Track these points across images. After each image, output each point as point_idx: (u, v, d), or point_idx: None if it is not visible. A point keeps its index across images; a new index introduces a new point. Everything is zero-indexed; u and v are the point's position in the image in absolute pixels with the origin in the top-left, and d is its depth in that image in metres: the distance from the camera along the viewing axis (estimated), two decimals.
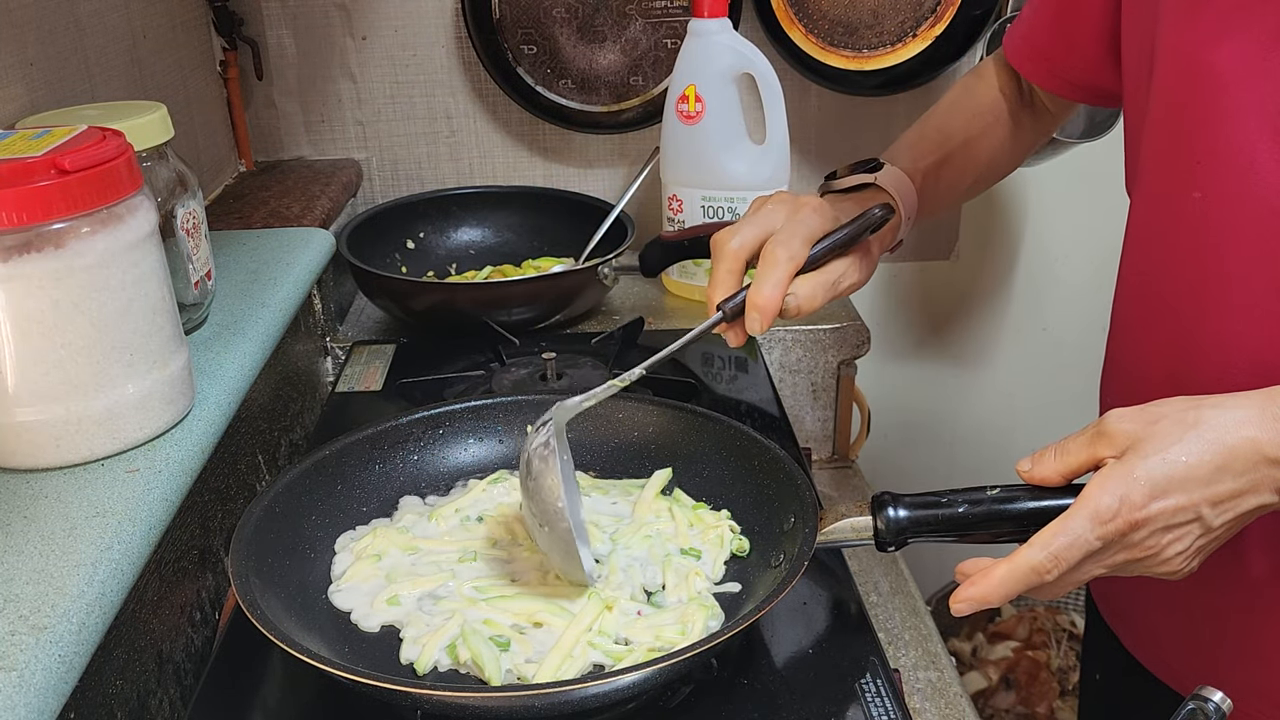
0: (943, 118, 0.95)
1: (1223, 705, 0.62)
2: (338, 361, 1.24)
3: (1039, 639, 1.72)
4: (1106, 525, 0.61)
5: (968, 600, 0.63)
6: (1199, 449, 0.61)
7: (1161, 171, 0.76)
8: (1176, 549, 0.62)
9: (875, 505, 0.69)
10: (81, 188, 0.67)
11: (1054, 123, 0.98)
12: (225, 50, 1.36)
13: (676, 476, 0.84)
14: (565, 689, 0.62)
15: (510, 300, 1.17)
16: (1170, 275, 0.76)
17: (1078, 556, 0.61)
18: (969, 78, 0.99)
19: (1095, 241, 1.65)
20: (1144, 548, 0.62)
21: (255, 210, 1.25)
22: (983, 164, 0.94)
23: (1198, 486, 0.61)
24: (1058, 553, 0.61)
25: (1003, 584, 0.62)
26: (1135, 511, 0.61)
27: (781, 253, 0.75)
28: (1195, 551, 0.63)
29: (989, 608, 0.64)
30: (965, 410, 1.74)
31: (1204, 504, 0.61)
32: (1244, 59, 0.67)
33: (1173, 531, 0.62)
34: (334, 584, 0.75)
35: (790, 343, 1.24)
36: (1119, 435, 0.63)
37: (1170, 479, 0.61)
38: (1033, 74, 0.93)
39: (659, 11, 1.35)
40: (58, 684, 0.56)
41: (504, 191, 1.41)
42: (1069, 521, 0.61)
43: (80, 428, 0.71)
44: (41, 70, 0.92)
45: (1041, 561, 0.62)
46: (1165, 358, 0.78)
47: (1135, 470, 0.61)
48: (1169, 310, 0.77)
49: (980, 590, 0.63)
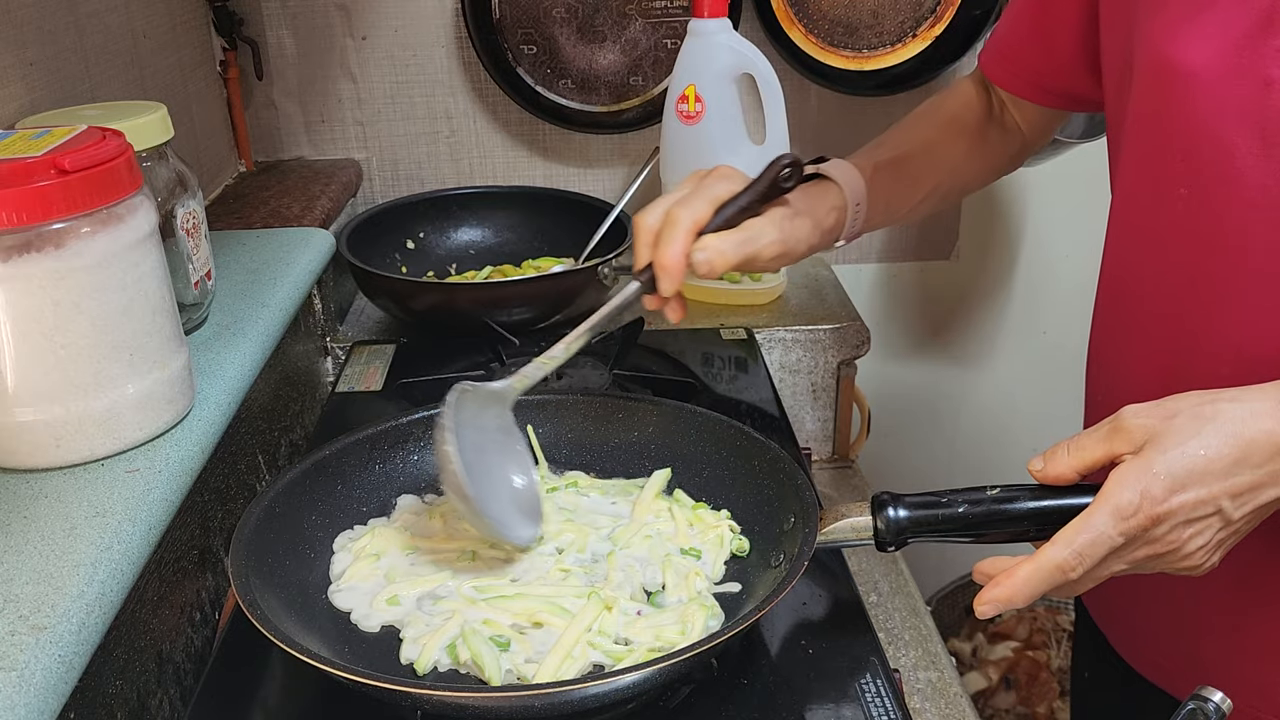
0: (905, 124, 0.96)
1: (1223, 705, 0.62)
2: (338, 361, 1.24)
3: (1039, 639, 1.72)
4: (1128, 520, 0.61)
5: (992, 602, 0.63)
6: (1217, 442, 0.61)
7: (1145, 170, 0.76)
8: (1198, 543, 0.62)
9: (875, 505, 0.69)
10: (81, 188, 0.67)
11: (1023, 144, 0.98)
12: (225, 50, 1.36)
13: (676, 476, 0.84)
14: (565, 689, 0.62)
15: (510, 300, 1.17)
16: (1157, 272, 0.76)
17: (1101, 553, 0.61)
18: (939, 94, 0.99)
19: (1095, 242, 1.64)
20: (1166, 542, 0.62)
21: (255, 210, 1.25)
22: (943, 171, 0.94)
23: (1217, 479, 0.61)
24: (1081, 550, 0.61)
25: (1028, 583, 0.62)
26: (1156, 506, 0.60)
27: (681, 213, 0.76)
28: (1216, 545, 0.63)
29: (1016, 608, 0.63)
30: (965, 410, 1.74)
31: (1224, 496, 0.61)
32: (1216, 56, 0.68)
33: (1194, 525, 0.62)
34: (333, 584, 0.75)
35: (790, 343, 1.24)
36: (1135, 431, 0.63)
37: (1190, 472, 0.61)
38: (1009, 83, 0.93)
39: (659, 11, 1.35)
40: (58, 684, 0.56)
41: (504, 191, 1.41)
42: (1091, 518, 0.61)
43: (80, 428, 0.71)
44: (41, 70, 0.92)
45: (1066, 559, 0.61)
46: (1152, 355, 0.78)
47: (1154, 465, 0.61)
48: (1156, 308, 0.77)
49: (1005, 591, 0.63)
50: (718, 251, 0.76)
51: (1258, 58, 0.66)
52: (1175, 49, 0.70)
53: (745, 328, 1.22)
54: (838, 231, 0.86)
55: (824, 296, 1.32)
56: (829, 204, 0.84)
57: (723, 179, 0.79)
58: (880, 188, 0.88)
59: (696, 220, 0.76)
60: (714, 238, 0.76)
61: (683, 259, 0.75)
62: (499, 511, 0.75)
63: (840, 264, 1.56)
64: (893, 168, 0.90)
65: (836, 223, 0.85)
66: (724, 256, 0.76)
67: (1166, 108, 0.72)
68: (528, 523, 0.78)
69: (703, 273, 0.76)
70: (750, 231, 0.77)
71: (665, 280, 0.76)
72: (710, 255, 0.76)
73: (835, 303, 1.30)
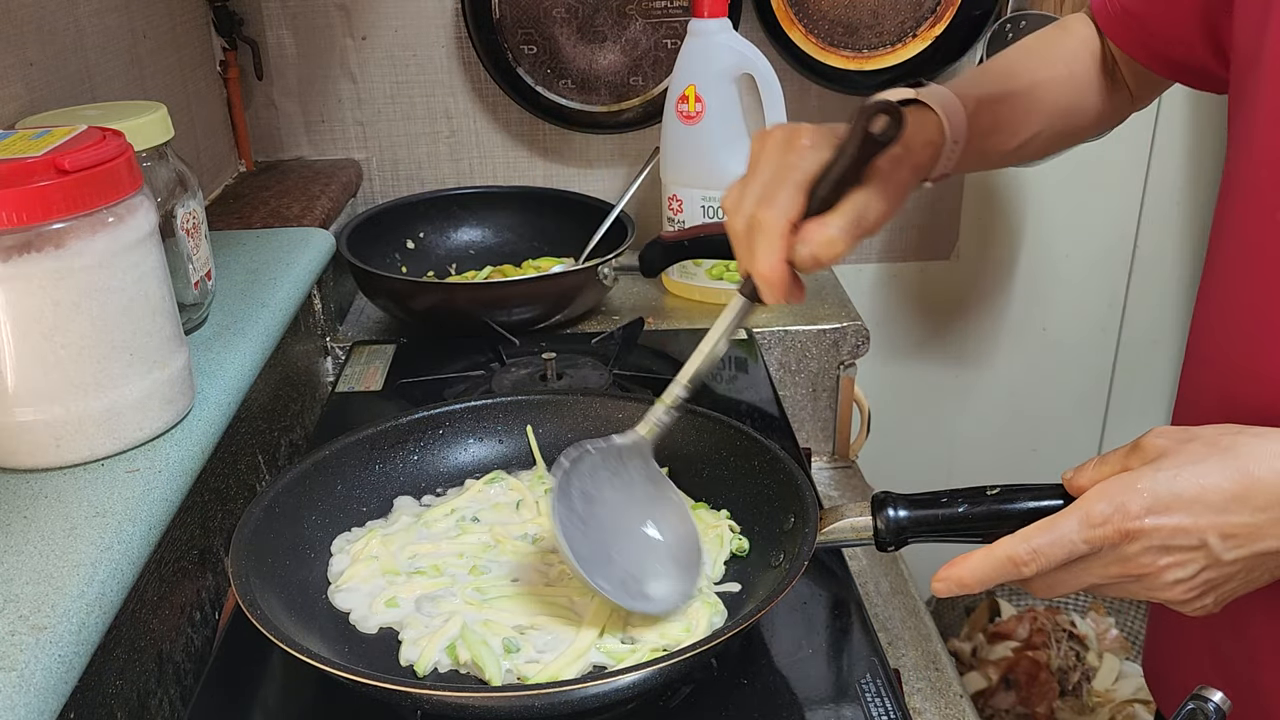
0: (1010, 57, 0.86)
1: (1223, 705, 0.61)
2: (338, 361, 1.24)
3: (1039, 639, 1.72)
4: (1095, 530, 0.58)
5: (945, 580, 0.63)
6: (1219, 474, 0.57)
7: (1263, 180, 0.69)
8: (1175, 575, 0.59)
9: (875, 505, 0.69)
10: (81, 188, 0.67)
11: (1130, 104, 0.88)
12: (225, 50, 1.36)
13: (677, 476, 0.84)
14: (565, 689, 0.62)
15: (510, 300, 1.17)
16: (1249, 295, 0.71)
17: (1060, 556, 0.60)
18: (1049, 28, 0.89)
19: (1096, 241, 1.65)
20: (1138, 564, 0.59)
21: (255, 210, 1.25)
22: (1052, 113, 0.83)
23: (1206, 511, 0.57)
24: (1037, 548, 0.60)
25: (978, 569, 0.62)
26: (1128, 521, 0.58)
27: (769, 216, 0.65)
28: (1203, 585, 0.60)
29: (967, 592, 0.63)
30: (965, 410, 1.74)
31: (1211, 531, 0.57)
32: None
33: (1172, 554, 0.58)
34: (332, 585, 0.75)
35: (790, 343, 1.24)
36: (1150, 449, 0.60)
37: (1176, 497, 0.57)
38: (1120, 38, 0.83)
39: (659, 11, 1.35)
40: (58, 684, 0.56)
41: (504, 191, 1.41)
42: (1058, 520, 0.60)
43: (80, 428, 0.71)
44: (41, 70, 0.92)
45: (1019, 553, 0.60)
46: (1224, 380, 0.74)
47: (1140, 481, 0.59)
48: (1240, 328, 0.72)
49: (957, 571, 0.62)
50: (825, 243, 0.65)
51: None
52: None
53: (745, 328, 1.22)
54: (928, 170, 0.74)
55: (824, 296, 1.32)
56: (925, 137, 0.73)
57: (808, 150, 0.66)
58: (980, 125, 0.77)
59: (790, 219, 0.65)
60: (817, 228, 0.65)
61: (782, 266, 0.65)
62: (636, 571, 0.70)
63: (840, 264, 1.56)
64: (996, 105, 0.80)
65: (929, 160, 0.74)
66: (833, 247, 0.65)
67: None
68: (677, 578, 0.72)
69: (809, 270, 0.66)
70: (856, 209, 0.65)
71: (768, 291, 0.66)
72: (816, 249, 0.65)
73: (835, 303, 1.30)
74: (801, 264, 0.66)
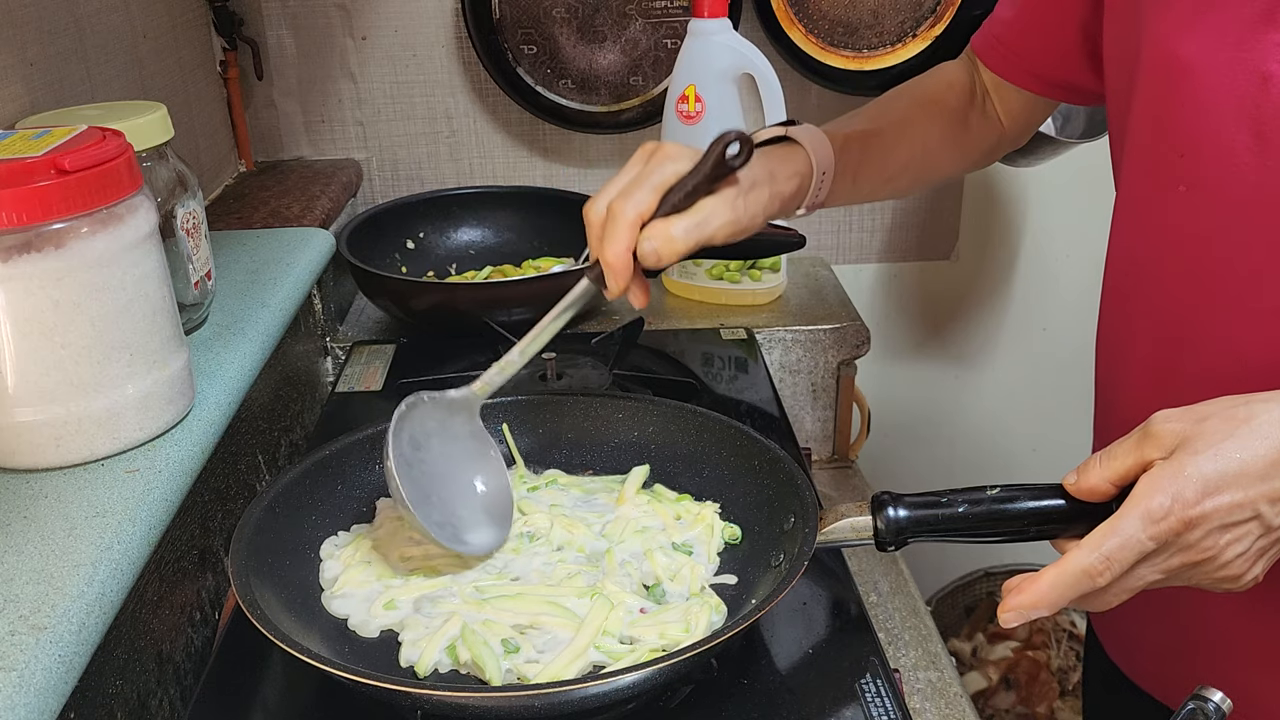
0: (883, 100, 0.94)
1: (1223, 705, 0.61)
2: (338, 361, 1.24)
3: (1039, 639, 1.72)
4: (1159, 524, 0.58)
5: (1015, 609, 0.60)
6: (1252, 444, 0.58)
7: (1146, 166, 0.75)
8: (1236, 550, 0.59)
9: (875, 505, 0.69)
10: (81, 188, 0.67)
11: (1000, 136, 0.96)
12: (225, 50, 1.36)
13: (675, 475, 0.84)
14: (565, 689, 0.62)
15: (510, 300, 1.17)
16: (1157, 267, 0.75)
17: (1131, 559, 0.59)
18: (921, 74, 0.97)
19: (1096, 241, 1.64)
20: (1201, 549, 0.59)
21: (255, 210, 1.25)
22: (916, 150, 0.91)
23: (1253, 482, 0.58)
24: (1109, 554, 0.58)
25: (1053, 589, 0.60)
26: (1189, 509, 0.58)
27: (623, 206, 0.72)
28: (1256, 554, 0.60)
29: (1041, 615, 0.61)
30: (965, 410, 1.74)
31: (1261, 500, 0.58)
32: (1217, 50, 0.67)
33: (1231, 531, 0.59)
34: (326, 591, 0.75)
35: (790, 343, 1.24)
36: (1166, 435, 0.60)
37: (1223, 475, 0.58)
38: (1004, 69, 0.91)
39: (659, 11, 1.35)
40: (58, 684, 0.56)
41: (504, 191, 1.41)
42: (1120, 522, 0.59)
43: (80, 428, 0.71)
44: (41, 70, 0.92)
45: (1093, 564, 0.59)
46: (1152, 349, 0.77)
47: (1186, 468, 0.58)
48: (1156, 302, 0.76)
49: (1029, 597, 0.60)
50: (665, 240, 0.72)
51: (1256, 52, 0.66)
52: (1180, 43, 0.69)
53: (745, 328, 1.22)
54: (799, 199, 0.82)
55: (824, 296, 1.32)
56: (792, 169, 0.80)
57: (669, 159, 0.74)
58: (849, 159, 0.85)
59: (640, 213, 0.72)
60: (661, 225, 0.72)
61: (626, 255, 0.72)
62: (452, 518, 0.75)
63: (840, 264, 1.56)
64: (864, 140, 0.87)
65: (798, 190, 0.81)
66: (672, 245, 0.72)
67: (1168, 102, 0.71)
68: (490, 528, 0.77)
69: (650, 264, 0.72)
70: (700, 215, 0.73)
71: (612, 278, 0.72)
72: (657, 245, 0.71)
73: (835, 303, 1.30)
74: (644, 257, 0.72)
